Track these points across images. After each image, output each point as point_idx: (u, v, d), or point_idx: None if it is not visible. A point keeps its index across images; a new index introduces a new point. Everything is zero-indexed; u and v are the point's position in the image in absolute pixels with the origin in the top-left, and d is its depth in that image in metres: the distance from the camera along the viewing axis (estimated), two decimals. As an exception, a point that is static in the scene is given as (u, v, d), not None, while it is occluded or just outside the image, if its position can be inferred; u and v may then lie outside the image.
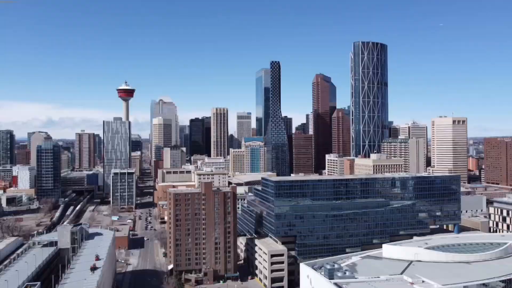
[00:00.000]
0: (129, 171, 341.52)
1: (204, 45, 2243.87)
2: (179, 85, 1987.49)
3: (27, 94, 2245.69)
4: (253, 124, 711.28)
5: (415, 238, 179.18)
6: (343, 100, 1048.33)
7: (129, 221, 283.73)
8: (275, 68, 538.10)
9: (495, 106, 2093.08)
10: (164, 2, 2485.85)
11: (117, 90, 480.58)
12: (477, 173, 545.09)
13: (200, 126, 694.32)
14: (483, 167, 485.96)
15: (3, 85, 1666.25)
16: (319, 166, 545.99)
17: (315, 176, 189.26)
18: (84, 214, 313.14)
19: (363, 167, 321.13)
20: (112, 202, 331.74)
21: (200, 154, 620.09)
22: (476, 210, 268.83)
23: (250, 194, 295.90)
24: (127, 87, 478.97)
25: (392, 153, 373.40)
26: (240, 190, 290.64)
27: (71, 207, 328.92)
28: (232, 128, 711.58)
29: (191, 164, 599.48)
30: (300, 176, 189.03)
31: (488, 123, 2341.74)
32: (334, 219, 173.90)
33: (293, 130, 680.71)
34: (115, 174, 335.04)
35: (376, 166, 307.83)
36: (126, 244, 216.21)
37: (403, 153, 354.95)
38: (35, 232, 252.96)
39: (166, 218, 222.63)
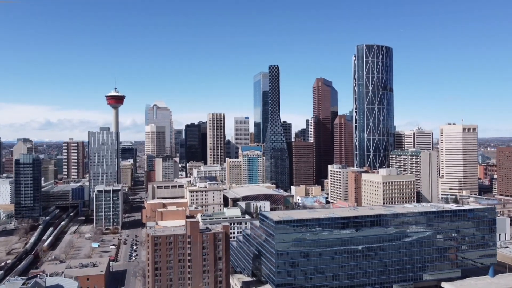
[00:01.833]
0: (114, 188, 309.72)
1: (201, 47, 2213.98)
2: (175, 89, 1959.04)
3: (25, 96, 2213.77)
4: (251, 129, 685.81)
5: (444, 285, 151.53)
6: (344, 105, 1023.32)
7: (112, 247, 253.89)
8: (274, 72, 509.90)
9: (492, 106, 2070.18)
10: (163, 4, 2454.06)
11: (106, 96, 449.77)
12: (487, 182, 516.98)
13: (196, 132, 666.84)
14: (495, 177, 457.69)
15: (1, 87, 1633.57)
16: (321, 175, 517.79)
17: (322, 211, 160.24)
18: (64, 238, 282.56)
19: (372, 183, 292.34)
20: (95, 223, 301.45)
21: (196, 161, 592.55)
22: (499, 235, 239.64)
23: (246, 216, 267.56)
24: (116, 94, 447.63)
25: (402, 167, 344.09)
26: (236, 212, 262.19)
27: (51, 228, 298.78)
28: (230, 133, 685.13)
29: (186, 172, 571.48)
30: (305, 212, 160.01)
31: (485, 123, 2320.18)
32: (345, 258, 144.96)
33: (293, 135, 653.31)
34: (99, 191, 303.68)
35: (386, 183, 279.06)
36: (102, 283, 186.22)
37: (414, 167, 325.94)
38: (4, 262, 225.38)
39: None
